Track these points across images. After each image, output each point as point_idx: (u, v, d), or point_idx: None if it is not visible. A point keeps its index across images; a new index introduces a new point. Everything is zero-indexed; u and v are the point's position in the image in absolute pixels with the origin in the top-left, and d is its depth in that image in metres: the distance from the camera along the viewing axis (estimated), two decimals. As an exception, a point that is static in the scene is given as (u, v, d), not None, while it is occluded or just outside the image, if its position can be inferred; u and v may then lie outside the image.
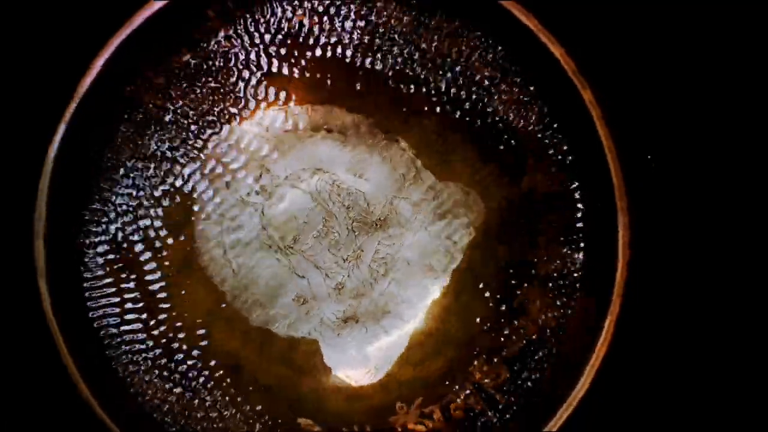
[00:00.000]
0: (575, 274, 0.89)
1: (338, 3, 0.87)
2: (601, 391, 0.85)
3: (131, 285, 0.88)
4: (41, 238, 0.83)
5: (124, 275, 0.88)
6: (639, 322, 0.88)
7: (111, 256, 0.88)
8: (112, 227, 0.88)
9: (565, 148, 0.88)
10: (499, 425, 0.88)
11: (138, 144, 0.88)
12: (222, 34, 0.87)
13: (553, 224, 0.89)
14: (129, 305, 0.88)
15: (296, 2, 0.87)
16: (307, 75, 0.89)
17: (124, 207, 0.88)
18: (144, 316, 0.89)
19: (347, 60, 0.89)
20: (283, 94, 0.90)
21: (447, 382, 0.91)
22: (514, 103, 0.88)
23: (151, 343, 0.88)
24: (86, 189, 0.87)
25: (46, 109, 0.83)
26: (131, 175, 0.88)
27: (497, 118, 0.89)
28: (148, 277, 0.89)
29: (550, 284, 0.89)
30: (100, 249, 0.88)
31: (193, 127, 0.89)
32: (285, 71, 0.89)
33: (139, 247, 0.89)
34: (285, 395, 0.91)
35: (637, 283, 0.85)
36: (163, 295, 0.89)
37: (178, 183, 0.89)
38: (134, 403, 0.88)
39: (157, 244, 0.89)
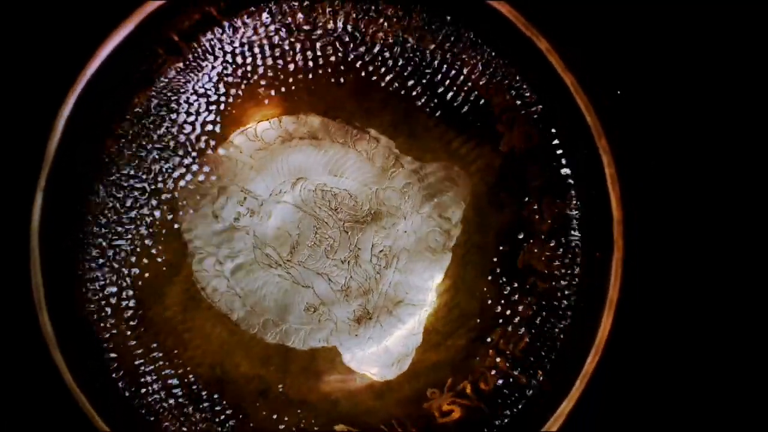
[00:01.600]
0: (572, 222, 0.89)
1: (279, 15, 0.87)
2: (623, 334, 0.85)
3: (140, 333, 0.88)
4: (44, 310, 0.83)
5: (132, 324, 0.88)
6: (646, 257, 0.89)
7: (113, 304, 0.88)
8: (109, 278, 0.88)
9: (534, 100, 0.88)
10: (532, 386, 0.88)
11: (116, 193, 0.87)
12: (174, 68, 0.87)
13: (541, 179, 0.89)
14: (141, 351, 0.88)
15: (239, 23, 0.87)
16: (267, 90, 0.90)
17: (116, 256, 0.88)
18: (160, 361, 0.88)
19: (302, 66, 0.89)
20: (248, 114, 0.90)
21: (472, 357, 0.91)
22: (474, 69, 0.89)
23: (173, 383, 0.88)
24: (74, 244, 0.87)
25: (19, 175, 0.84)
26: (115, 224, 0.88)
27: (460, 88, 0.89)
28: (156, 323, 0.89)
29: (550, 238, 0.89)
30: (101, 303, 0.87)
31: (167, 166, 0.89)
32: (244, 91, 0.89)
33: (139, 295, 0.88)
34: (317, 405, 0.91)
35: (635, 221, 0.85)
36: (174, 337, 0.89)
37: (165, 223, 0.89)
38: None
39: (158, 288, 0.89)
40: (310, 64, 0.89)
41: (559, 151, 0.88)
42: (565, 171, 0.88)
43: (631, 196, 0.84)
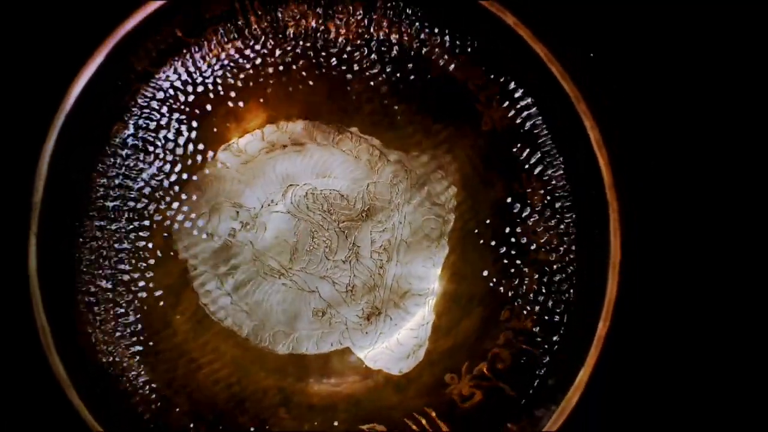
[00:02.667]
0: (564, 191, 0.89)
1: (244, 28, 0.87)
2: (629, 295, 0.85)
3: (152, 360, 0.88)
4: (55, 355, 0.83)
5: (143, 354, 0.88)
6: (645, 219, 0.89)
7: (121, 336, 0.88)
8: (113, 311, 0.88)
9: (508, 75, 0.88)
10: (548, 357, 0.88)
11: (109, 226, 0.88)
12: (149, 94, 0.87)
13: (527, 152, 0.89)
14: (156, 379, 0.88)
15: (206, 41, 0.87)
16: (244, 103, 0.90)
17: (117, 289, 0.88)
18: (176, 386, 0.89)
19: (275, 75, 0.89)
20: (229, 130, 0.90)
21: (484, 338, 0.91)
22: (444, 53, 0.88)
23: (191, 406, 0.89)
24: (74, 281, 0.87)
25: (10, 219, 0.84)
26: (112, 257, 0.88)
27: (433, 74, 0.89)
28: (167, 349, 0.89)
29: (545, 209, 0.89)
30: (109, 337, 0.87)
31: (155, 191, 0.89)
32: (221, 107, 0.89)
33: (146, 324, 0.89)
34: (340, 407, 0.91)
35: (626, 181, 0.85)
36: (186, 360, 0.89)
37: (162, 249, 0.89)
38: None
39: (164, 314, 0.89)
40: (283, 71, 0.89)
41: (541, 122, 0.88)
42: (550, 141, 0.88)
43: (622, 160, 0.85)
